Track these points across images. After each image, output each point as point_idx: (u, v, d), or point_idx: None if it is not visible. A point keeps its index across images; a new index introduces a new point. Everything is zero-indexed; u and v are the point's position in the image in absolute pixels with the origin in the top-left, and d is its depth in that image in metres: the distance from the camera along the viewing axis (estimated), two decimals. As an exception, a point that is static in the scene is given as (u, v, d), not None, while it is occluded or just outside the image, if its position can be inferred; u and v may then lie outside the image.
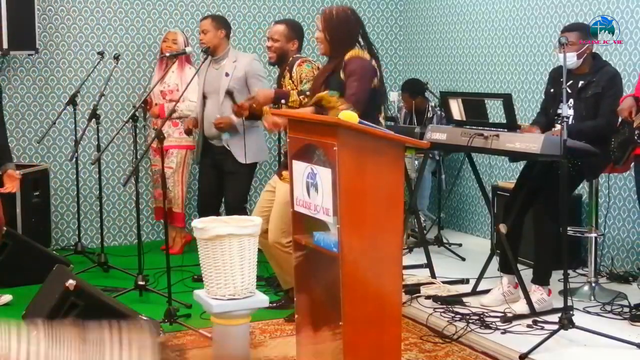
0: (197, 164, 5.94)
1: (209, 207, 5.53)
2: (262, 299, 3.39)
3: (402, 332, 3.78)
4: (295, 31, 5.11)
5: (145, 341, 1.01)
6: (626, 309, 4.57)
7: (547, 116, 4.78)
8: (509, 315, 4.46)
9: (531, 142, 4.25)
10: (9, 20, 6.05)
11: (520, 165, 5.48)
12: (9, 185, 4.83)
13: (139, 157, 5.12)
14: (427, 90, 6.72)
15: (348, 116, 3.32)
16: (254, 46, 7.09)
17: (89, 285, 4.33)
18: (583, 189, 5.49)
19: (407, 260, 5.40)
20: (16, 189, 4.91)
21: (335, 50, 4.12)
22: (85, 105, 6.59)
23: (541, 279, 4.62)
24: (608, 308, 4.61)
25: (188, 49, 5.96)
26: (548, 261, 4.64)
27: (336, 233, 3.29)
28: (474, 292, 4.91)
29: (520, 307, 4.54)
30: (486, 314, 4.51)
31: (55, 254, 5.78)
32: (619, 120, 4.47)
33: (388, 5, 7.68)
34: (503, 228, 4.66)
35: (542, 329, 4.25)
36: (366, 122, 3.36)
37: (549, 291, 4.63)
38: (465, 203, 7.00)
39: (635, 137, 4.33)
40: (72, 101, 6.11)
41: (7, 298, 5.05)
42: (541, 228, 4.61)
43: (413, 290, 4.96)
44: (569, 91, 4.54)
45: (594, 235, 4.98)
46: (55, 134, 6.60)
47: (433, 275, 5.30)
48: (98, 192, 6.08)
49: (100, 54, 6.33)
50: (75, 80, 6.64)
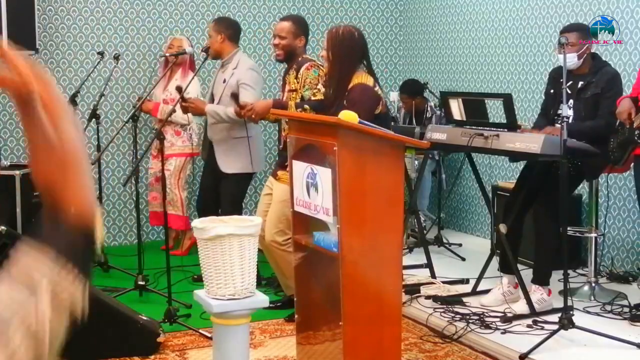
0: (203, 159, 5.88)
1: (206, 207, 5.49)
2: (262, 299, 3.39)
3: (402, 332, 3.78)
4: (302, 27, 5.03)
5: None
6: (626, 309, 4.57)
7: (548, 117, 4.78)
8: (509, 315, 4.46)
9: (531, 142, 4.25)
10: (9, 20, 6.05)
11: (520, 165, 5.48)
12: None
13: (139, 157, 5.11)
14: (427, 90, 6.72)
15: (348, 116, 3.32)
16: (254, 46, 7.08)
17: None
18: (583, 189, 5.49)
19: (407, 260, 5.40)
20: None
21: (337, 70, 4.04)
22: (85, 105, 6.59)
23: (541, 279, 4.62)
24: (608, 308, 4.61)
25: (189, 49, 5.95)
26: (548, 261, 4.64)
27: (336, 233, 3.29)
28: (474, 292, 4.91)
29: (520, 307, 4.54)
30: (486, 314, 4.51)
31: (56, 254, 5.78)
32: (618, 121, 4.46)
33: (388, 5, 7.68)
34: (503, 228, 4.66)
35: (542, 329, 4.25)
36: (366, 122, 3.36)
37: (549, 291, 4.63)
38: (465, 203, 7.00)
39: (635, 138, 4.33)
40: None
41: None
42: (541, 228, 4.61)
43: (413, 290, 4.96)
44: (569, 92, 4.54)
45: (594, 235, 4.98)
46: (55, 134, 6.59)
47: (433, 275, 5.30)
48: (98, 192, 6.08)
49: (100, 54, 6.33)
50: (75, 80, 6.65)
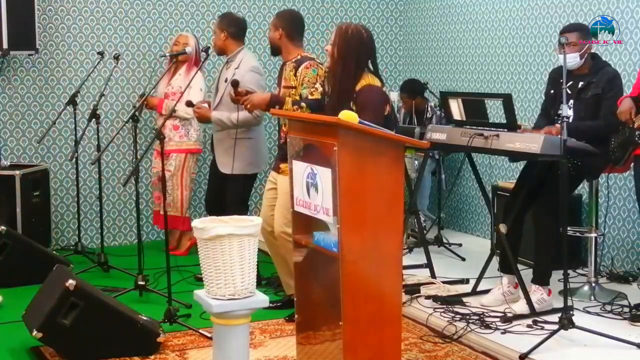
0: (212, 150, 5.85)
1: (213, 206, 5.49)
2: (262, 299, 3.39)
3: (402, 332, 3.78)
4: (282, 20, 5.00)
5: None
6: (626, 309, 4.57)
7: (548, 117, 4.77)
8: (509, 315, 4.46)
9: (531, 142, 4.25)
10: (9, 20, 6.05)
11: (520, 165, 5.48)
12: None
13: (139, 157, 5.11)
14: (427, 90, 6.72)
15: (348, 116, 3.32)
16: (254, 46, 7.08)
17: (89, 285, 4.33)
18: (583, 189, 5.49)
19: (407, 260, 5.40)
20: None
21: (341, 68, 3.95)
22: (85, 105, 6.59)
23: (541, 279, 4.62)
24: (608, 308, 4.61)
25: (188, 49, 5.96)
26: (548, 261, 4.63)
27: (336, 233, 3.29)
28: (474, 292, 4.91)
29: (520, 307, 4.54)
30: (486, 314, 4.51)
31: (55, 254, 5.79)
32: (620, 121, 4.45)
33: (388, 5, 7.68)
34: (503, 228, 4.66)
35: (542, 329, 4.25)
36: (366, 122, 3.36)
37: (549, 291, 4.63)
38: (465, 203, 7.00)
39: (636, 138, 4.32)
40: (72, 101, 6.11)
41: None
42: (541, 228, 4.60)
43: (413, 290, 4.96)
44: (569, 92, 4.53)
45: (594, 235, 4.97)
46: (55, 134, 6.61)
47: (433, 275, 5.30)
48: (98, 192, 6.08)
49: (100, 54, 6.33)
50: (75, 80, 6.65)
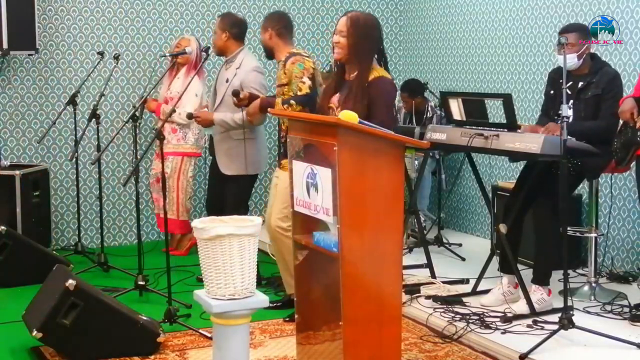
0: (210, 154, 5.86)
1: (213, 208, 5.49)
2: (262, 299, 3.39)
3: (402, 332, 3.78)
4: (267, 20, 5.12)
5: None
6: (626, 309, 4.57)
7: (549, 117, 4.77)
8: (509, 315, 4.46)
9: (531, 142, 4.24)
10: (9, 20, 6.06)
11: (520, 165, 5.48)
12: None
13: (139, 157, 5.11)
14: (427, 90, 6.72)
15: (348, 116, 3.32)
16: (254, 46, 7.08)
17: (89, 285, 4.33)
18: (583, 189, 5.49)
19: (407, 260, 5.40)
20: None
21: (354, 59, 3.85)
22: (85, 105, 6.59)
23: (541, 279, 4.62)
24: (608, 308, 4.61)
25: (188, 49, 5.96)
26: (548, 261, 4.63)
27: (336, 233, 3.29)
28: (474, 292, 4.91)
29: (520, 307, 4.54)
30: (486, 314, 4.51)
31: (55, 254, 5.79)
32: (621, 121, 4.44)
33: (388, 5, 7.68)
34: (503, 228, 4.66)
35: (542, 329, 4.24)
36: (366, 122, 3.36)
37: (549, 291, 4.63)
38: (465, 203, 7.00)
39: (638, 138, 4.31)
40: (72, 101, 6.11)
41: None
42: (541, 228, 4.60)
43: (413, 290, 4.96)
44: (569, 92, 4.53)
45: (594, 235, 4.97)
46: (55, 134, 6.61)
47: (433, 275, 5.30)
48: (98, 192, 6.08)
49: (100, 54, 6.33)
50: (75, 80, 6.65)
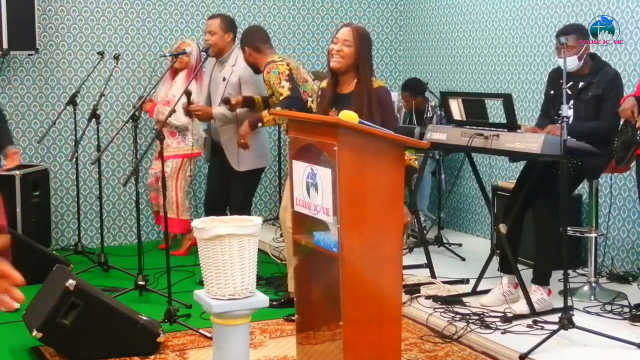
0: (207, 162, 5.89)
1: (214, 207, 5.47)
2: (262, 299, 3.39)
3: (402, 332, 3.78)
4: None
5: None
6: (626, 309, 4.57)
7: (549, 118, 4.77)
8: (509, 315, 4.46)
9: (531, 142, 4.24)
10: (9, 20, 6.06)
11: (520, 165, 5.48)
12: (11, 163, 4.79)
13: (139, 157, 5.11)
14: (427, 90, 6.72)
15: (348, 116, 3.32)
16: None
17: (89, 285, 4.33)
18: (583, 189, 5.49)
19: (407, 260, 5.40)
20: (17, 163, 4.86)
21: (357, 69, 3.85)
22: (85, 105, 6.59)
23: (541, 279, 4.62)
24: (608, 308, 4.61)
25: (188, 49, 5.96)
26: (548, 261, 4.63)
27: (336, 233, 3.28)
28: (474, 292, 4.91)
29: (520, 307, 4.54)
30: (486, 314, 4.51)
31: (55, 254, 5.79)
32: (622, 121, 4.45)
33: (388, 5, 7.68)
34: (503, 228, 4.66)
35: (542, 329, 4.24)
36: (366, 122, 3.36)
37: (549, 291, 4.63)
38: (465, 203, 7.00)
39: (638, 138, 4.31)
40: (72, 101, 6.11)
41: None
42: (541, 228, 4.60)
43: (413, 290, 4.96)
44: (569, 92, 4.53)
45: (594, 235, 4.97)
46: (55, 134, 6.61)
47: (433, 275, 5.30)
48: (98, 192, 6.08)
49: (100, 54, 6.33)
50: (75, 80, 6.65)
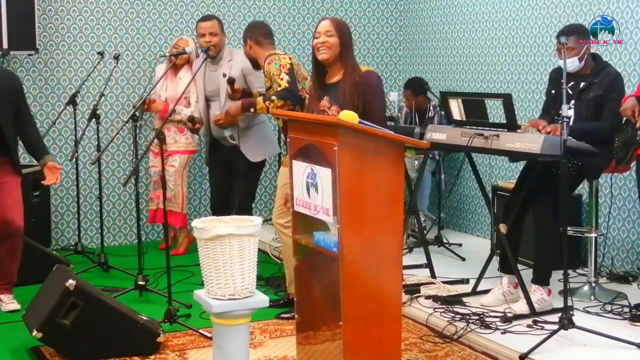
0: (207, 164, 5.91)
1: (222, 207, 5.47)
2: (262, 299, 3.39)
3: (402, 332, 3.78)
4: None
5: None
6: (626, 309, 4.57)
7: (550, 117, 4.77)
8: (509, 315, 4.46)
9: (531, 142, 4.24)
10: (9, 20, 6.05)
11: (520, 165, 5.48)
12: (51, 177, 4.82)
13: (139, 157, 5.11)
14: (429, 91, 6.71)
15: (348, 116, 3.32)
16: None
17: (89, 285, 4.33)
18: (583, 189, 5.49)
19: (407, 260, 5.40)
20: (58, 180, 4.89)
21: (342, 58, 3.89)
22: (85, 105, 6.59)
23: (541, 279, 4.62)
24: (608, 308, 4.61)
25: (188, 49, 5.96)
26: (548, 261, 4.63)
27: (336, 233, 3.29)
28: (474, 292, 4.91)
29: (520, 307, 4.53)
30: (486, 314, 4.51)
31: (55, 254, 5.78)
32: (623, 120, 4.44)
33: (388, 5, 7.68)
34: (503, 228, 4.66)
35: (542, 329, 4.24)
36: (366, 122, 3.36)
37: (549, 291, 4.63)
38: (465, 203, 7.00)
39: (638, 138, 4.31)
40: (72, 101, 6.11)
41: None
42: (541, 228, 4.60)
43: (413, 290, 4.96)
44: (570, 92, 4.53)
45: (594, 235, 4.97)
46: (55, 134, 6.61)
47: (433, 275, 5.30)
48: (98, 192, 6.09)
49: (100, 54, 6.34)
50: (75, 80, 6.65)
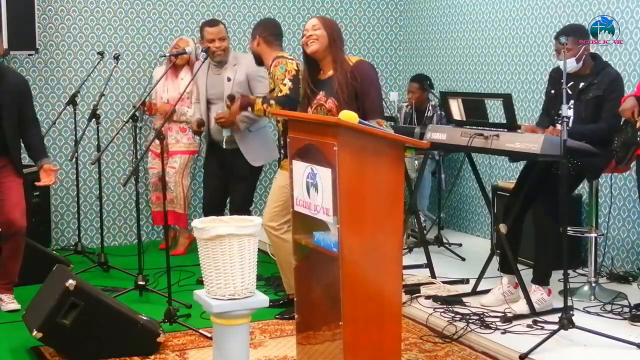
0: (203, 165, 5.92)
1: (214, 208, 5.48)
2: (262, 299, 3.39)
3: (402, 332, 3.78)
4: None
5: None
6: (626, 309, 4.57)
7: (549, 117, 4.77)
8: (509, 315, 4.46)
9: (531, 142, 4.24)
10: (9, 20, 6.05)
11: (520, 165, 5.48)
12: (45, 179, 4.85)
13: (139, 157, 5.11)
14: (431, 92, 6.69)
15: (348, 116, 3.32)
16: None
17: (89, 285, 4.33)
18: (583, 189, 5.49)
19: (407, 260, 5.40)
20: (52, 181, 4.92)
21: (331, 50, 4.04)
22: (85, 105, 6.59)
23: (541, 279, 4.62)
24: (608, 308, 4.61)
25: (188, 49, 5.96)
26: (548, 261, 4.63)
27: (336, 233, 3.29)
28: (474, 292, 4.91)
29: (520, 307, 4.54)
30: (486, 314, 4.51)
31: (55, 254, 5.78)
32: (622, 120, 4.45)
33: (388, 5, 7.68)
34: (503, 228, 4.66)
35: (542, 329, 4.24)
36: (366, 122, 3.36)
37: (549, 291, 4.63)
38: (465, 203, 7.00)
39: (638, 138, 4.30)
40: (72, 101, 6.11)
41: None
42: (541, 228, 4.60)
43: (413, 290, 4.96)
44: (570, 92, 4.53)
45: (594, 235, 4.97)
46: (55, 134, 6.61)
47: (433, 275, 5.30)
48: (98, 192, 6.09)
49: (100, 54, 6.33)
50: (75, 80, 6.65)
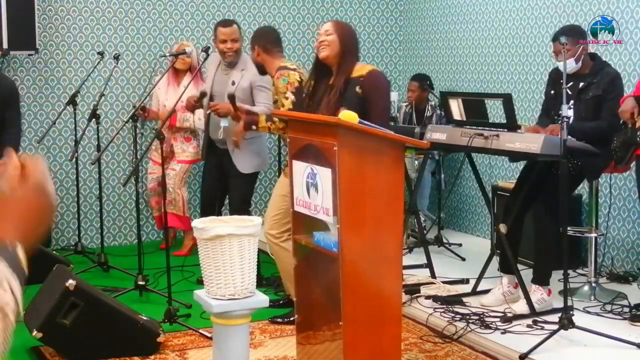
0: (203, 159, 5.90)
1: (210, 207, 5.48)
2: (262, 299, 3.40)
3: (402, 332, 3.78)
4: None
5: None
6: (626, 309, 4.57)
7: (549, 117, 4.77)
8: (509, 315, 4.46)
9: (531, 142, 4.25)
10: (9, 20, 6.05)
11: (520, 165, 5.48)
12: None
13: (139, 157, 5.11)
14: (432, 92, 6.69)
15: (348, 116, 3.32)
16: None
17: (89, 285, 4.33)
18: (583, 189, 5.49)
19: (407, 260, 5.40)
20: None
21: (343, 56, 3.93)
22: (85, 105, 6.59)
23: (541, 279, 4.62)
24: (608, 308, 4.61)
25: (188, 49, 5.95)
26: (548, 261, 4.63)
27: (336, 233, 3.29)
28: (474, 292, 4.91)
29: (520, 307, 4.54)
30: (486, 314, 4.51)
31: (55, 254, 5.78)
32: (622, 120, 4.45)
33: (388, 5, 7.68)
34: (503, 228, 4.66)
35: (542, 329, 4.25)
36: (366, 122, 3.36)
37: (549, 291, 4.63)
38: (465, 203, 7.00)
39: (637, 138, 4.31)
40: (72, 101, 6.11)
41: None
42: (541, 228, 4.60)
43: (413, 290, 4.96)
44: (569, 92, 4.53)
45: (594, 235, 4.97)
46: (55, 134, 6.61)
47: (433, 275, 5.30)
48: (98, 192, 6.09)
49: (100, 54, 6.33)
50: (75, 80, 6.65)
